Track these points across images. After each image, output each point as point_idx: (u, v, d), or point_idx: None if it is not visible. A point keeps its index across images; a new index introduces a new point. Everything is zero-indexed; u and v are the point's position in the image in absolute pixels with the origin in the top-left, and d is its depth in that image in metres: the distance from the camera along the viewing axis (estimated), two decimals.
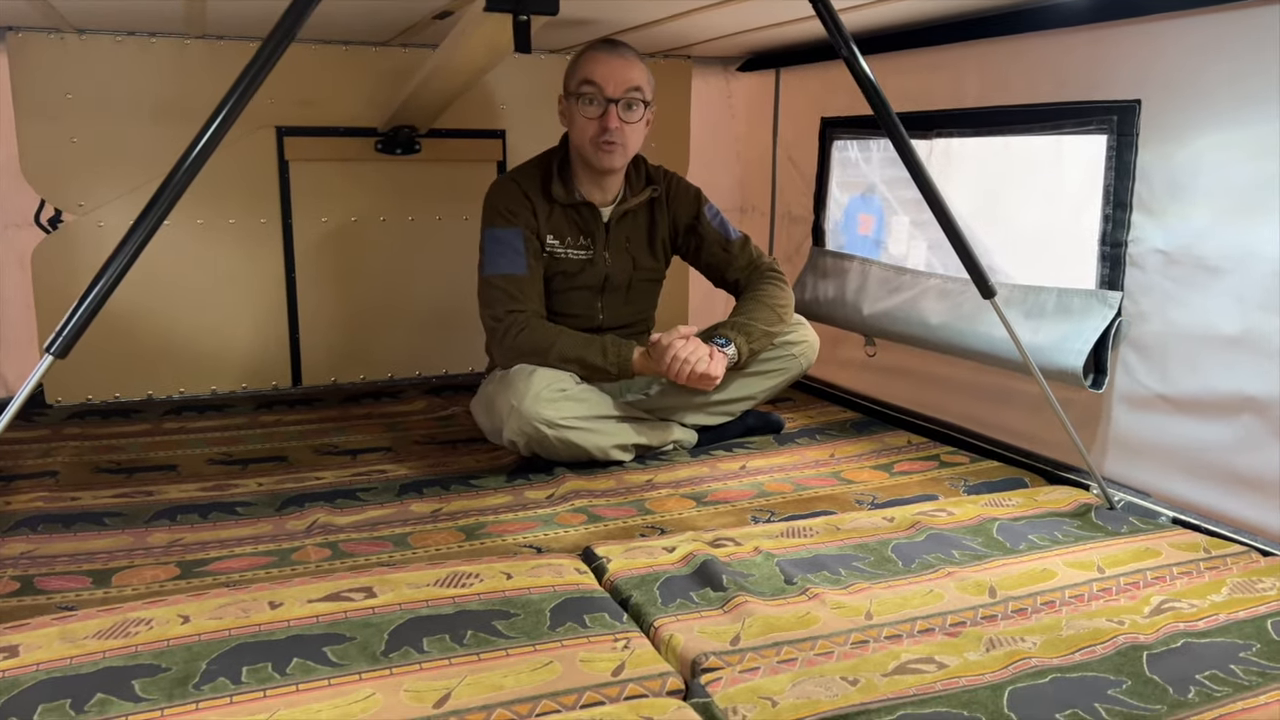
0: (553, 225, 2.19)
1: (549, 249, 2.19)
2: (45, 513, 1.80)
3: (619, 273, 2.26)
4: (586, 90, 2.09)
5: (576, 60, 2.15)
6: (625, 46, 2.14)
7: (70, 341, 1.28)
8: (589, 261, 2.22)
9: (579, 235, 2.21)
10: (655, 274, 2.36)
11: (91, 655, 1.23)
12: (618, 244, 2.25)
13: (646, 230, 2.30)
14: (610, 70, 2.08)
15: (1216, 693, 1.21)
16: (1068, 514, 1.82)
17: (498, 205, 2.17)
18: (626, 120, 2.10)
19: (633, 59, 2.12)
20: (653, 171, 2.31)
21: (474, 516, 1.84)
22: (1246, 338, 1.74)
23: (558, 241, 2.19)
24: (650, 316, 2.43)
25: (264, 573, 1.57)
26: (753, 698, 1.17)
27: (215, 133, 1.31)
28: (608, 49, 2.12)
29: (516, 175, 2.22)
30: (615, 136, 2.09)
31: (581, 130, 2.12)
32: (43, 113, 2.46)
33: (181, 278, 2.62)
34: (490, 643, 1.30)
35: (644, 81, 2.12)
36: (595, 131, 2.10)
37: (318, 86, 2.68)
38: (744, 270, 2.31)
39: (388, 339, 2.88)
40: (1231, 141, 1.75)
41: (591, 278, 2.24)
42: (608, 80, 2.07)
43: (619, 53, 2.11)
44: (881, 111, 1.64)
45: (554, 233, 2.19)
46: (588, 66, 2.10)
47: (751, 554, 1.59)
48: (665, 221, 2.32)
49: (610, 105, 2.08)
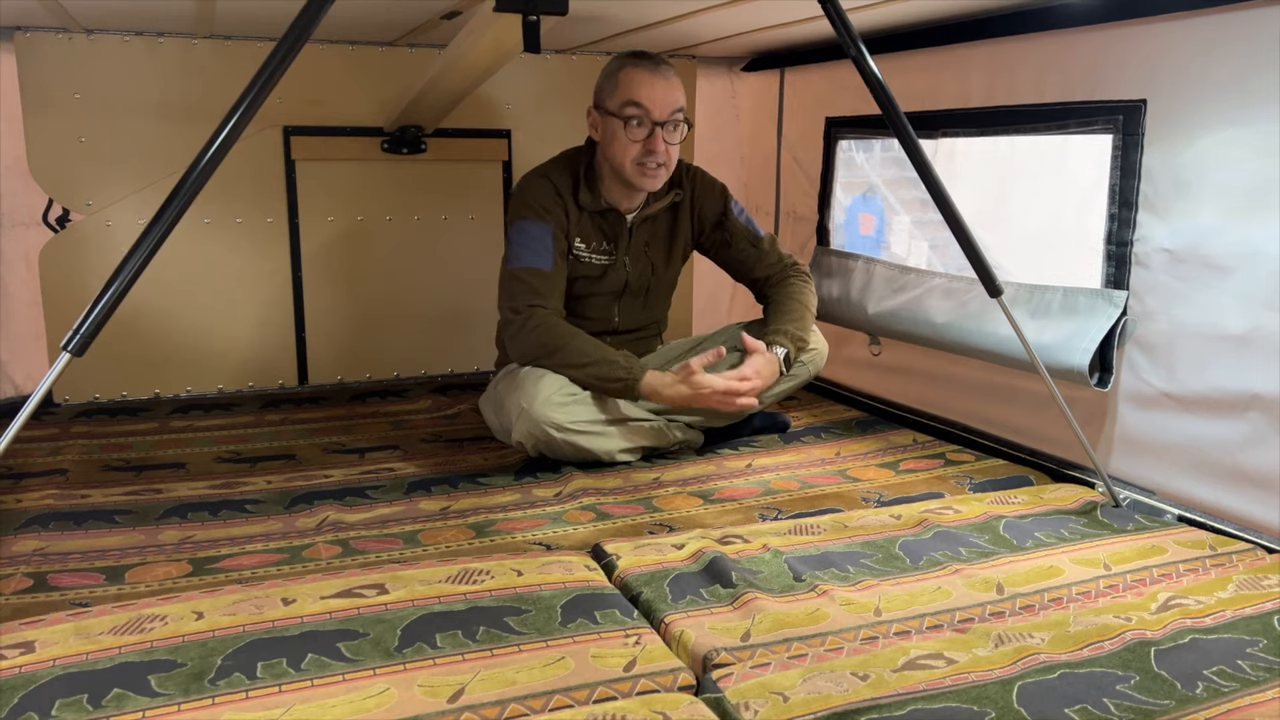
0: (580, 229, 2.18)
1: (575, 252, 2.18)
2: (56, 510, 1.81)
3: (638, 278, 2.27)
4: (632, 112, 2.06)
5: (616, 77, 2.09)
6: (665, 65, 2.11)
7: (87, 340, 1.29)
8: (610, 267, 2.23)
9: (603, 240, 2.21)
10: (672, 278, 2.37)
11: (107, 651, 1.24)
12: (637, 249, 2.25)
13: (667, 234, 2.30)
14: (655, 92, 2.05)
15: (1224, 688, 1.22)
16: (1074, 512, 1.83)
17: (530, 200, 2.14)
18: (670, 142, 2.10)
19: (674, 79, 2.10)
20: (679, 173, 2.27)
21: (483, 514, 1.85)
22: (1252, 336, 1.75)
23: (584, 246, 2.19)
24: (663, 319, 2.43)
25: (276, 569, 1.58)
26: (764, 693, 1.18)
27: (231, 132, 1.32)
28: (650, 67, 2.08)
29: (549, 173, 2.19)
30: (661, 159, 2.09)
31: (623, 150, 2.09)
32: (51, 112, 2.47)
33: (188, 277, 2.63)
34: (503, 639, 1.31)
35: (684, 101, 2.11)
36: (639, 153, 2.08)
37: (325, 86, 2.69)
38: (774, 267, 2.31)
39: (394, 338, 2.89)
40: (1237, 140, 1.76)
41: (612, 283, 2.24)
42: (654, 103, 2.05)
43: (662, 73, 2.08)
44: (889, 111, 1.65)
45: (581, 236, 2.18)
46: (633, 87, 2.06)
47: (760, 551, 1.60)
48: (688, 221, 2.31)
49: (656, 129, 2.06)
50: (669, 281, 2.36)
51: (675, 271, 2.36)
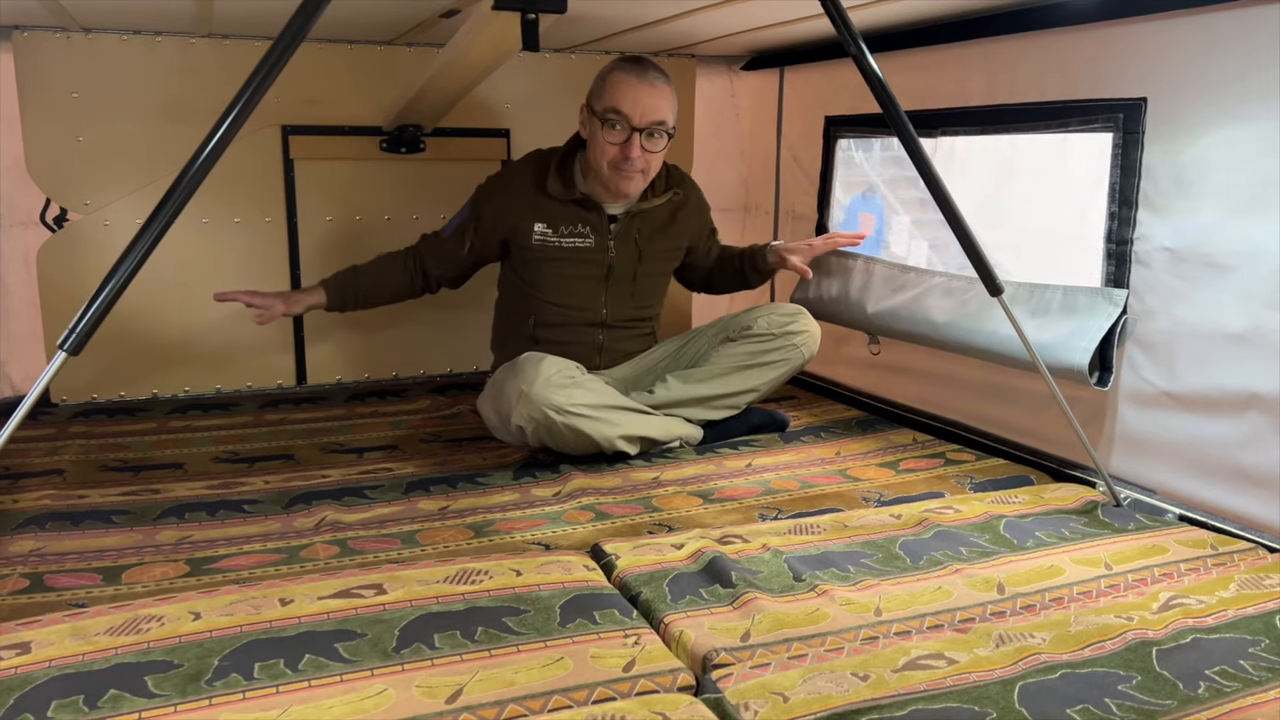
0: (545, 214, 2.21)
1: (539, 237, 2.21)
2: (53, 510, 1.80)
3: (624, 264, 2.27)
4: (613, 117, 2.10)
5: (605, 80, 2.13)
6: (655, 71, 2.13)
7: (84, 339, 1.29)
8: (590, 249, 2.24)
9: (576, 223, 2.23)
10: (664, 271, 2.38)
11: (104, 652, 1.23)
12: (626, 235, 2.26)
13: (664, 227, 2.32)
14: (638, 99, 2.09)
15: (1226, 688, 1.22)
16: (1074, 511, 1.83)
17: (482, 187, 2.31)
18: (649, 149, 2.13)
19: (661, 87, 2.12)
20: (674, 176, 2.33)
21: (481, 514, 1.84)
22: (1253, 335, 1.74)
23: (550, 230, 2.22)
24: (656, 315, 2.44)
25: (273, 570, 1.58)
26: (764, 693, 1.17)
27: (227, 131, 1.31)
28: (638, 74, 2.11)
29: (514, 168, 2.32)
30: (637, 164, 2.12)
31: (602, 151, 2.13)
32: (49, 111, 2.46)
33: (186, 277, 2.62)
34: (501, 639, 1.30)
35: (670, 113, 2.13)
36: (616, 156, 2.12)
37: (323, 85, 2.68)
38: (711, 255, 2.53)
39: (392, 338, 2.88)
40: (1237, 139, 1.76)
41: (594, 266, 2.25)
42: (635, 111, 2.09)
43: (649, 80, 2.11)
44: (890, 109, 1.65)
45: (546, 221, 2.22)
46: (617, 93, 2.09)
47: (760, 551, 1.59)
48: (688, 224, 2.38)
49: (635, 135, 2.10)
50: (660, 274, 2.38)
51: (667, 265, 2.39)
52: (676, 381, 2.26)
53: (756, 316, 2.31)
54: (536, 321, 2.28)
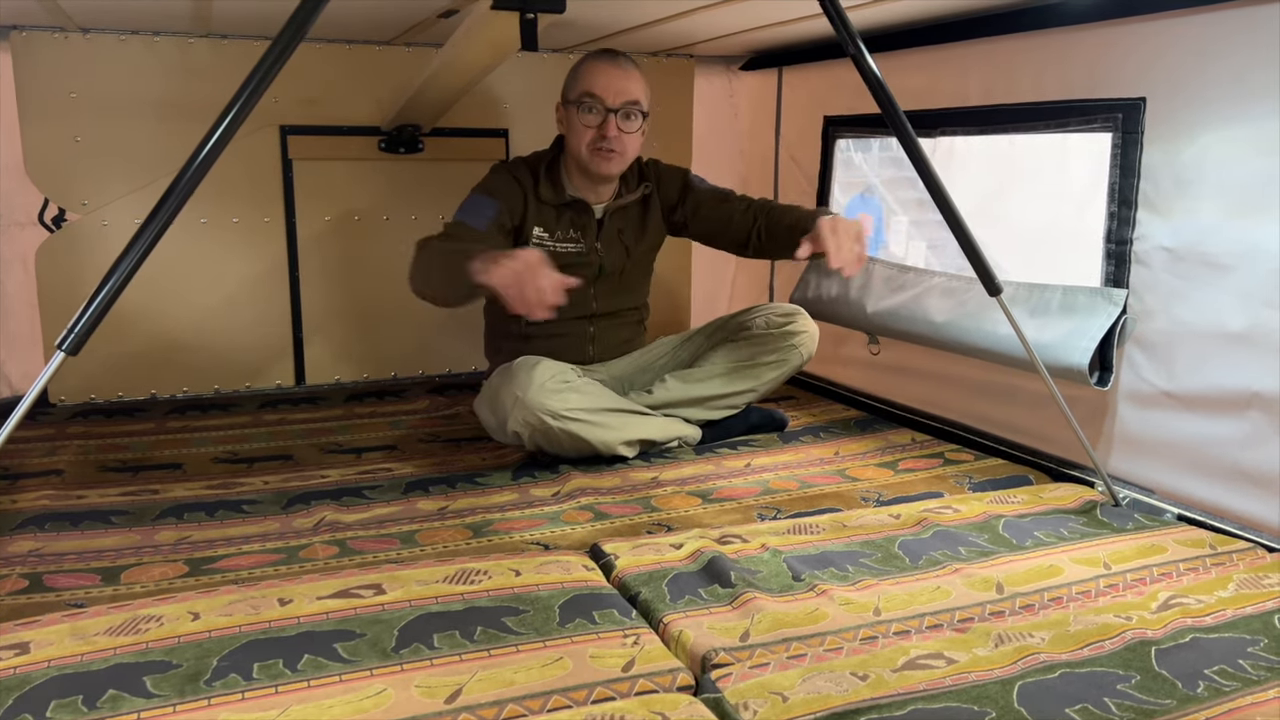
0: (541, 218, 2.22)
1: (537, 240, 2.21)
2: (52, 511, 1.80)
3: (612, 262, 2.29)
4: (587, 100, 2.13)
5: (577, 70, 2.18)
6: (625, 58, 2.18)
7: (82, 339, 1.29)
8: (580, 254, 2.24)
9: (569, 229, 2.24)
10: (647, 262, 2.40)
11: (102, 652, 1.23)
12: (610, 235, 2.28)
13: (639, 221, 2.33)
14: (610, 81, 2.12)
15: (1225, 688, 1.22)
16: (1073, 511, 1.83)
17: (485, 183, 2.22)
18: (625, 130, 2.15)
19: (631, 70, 2.16)
20: (645, 169, 2.35)
21: (480, 514, 1.84)
22: (1252, 334, 1.74)
23: (546, 234, 2.22)
24: (644, 305, 2.45)
25: (272, 570, 1.58)
26: (764, 693, 1.17)
27: (225, 131, 1.31)
28: (608, 60, 2.16)
29: (511, 168, 2.25)
30: (614, 145, 2.14)
31: (580, 136, 2.15)
32: (47, 112, 2.46)
33: (185, 277, 2.62)
34: (500, 639, 1.30)
35: (642, 95, 2.16)
36: (593, 138, 2.14)
37: (322, 85, 2.68)
38: (749, 210, 2.26)
39: (391, 338, 2.88)
40: (1237, 138, 1.76)
41: (585, 270, 2.25)
42: (607, 91, 2.12)
43: (619, 64, 2.15)
44: (889, 109, 1.65)
45: (542, 225, 2.22)
46: (589, 78, 2.14)
47: (759, 551, 1.59)
48: (657, 208, 2.35)
49: (609, 115, 2.12)
50: (644, 265, 2.40)
51: (649, 256, 2.40)
52: (675, 382, 2.26)
53: (755, 316, 2.32)
54: (528, 319, 2.27)
